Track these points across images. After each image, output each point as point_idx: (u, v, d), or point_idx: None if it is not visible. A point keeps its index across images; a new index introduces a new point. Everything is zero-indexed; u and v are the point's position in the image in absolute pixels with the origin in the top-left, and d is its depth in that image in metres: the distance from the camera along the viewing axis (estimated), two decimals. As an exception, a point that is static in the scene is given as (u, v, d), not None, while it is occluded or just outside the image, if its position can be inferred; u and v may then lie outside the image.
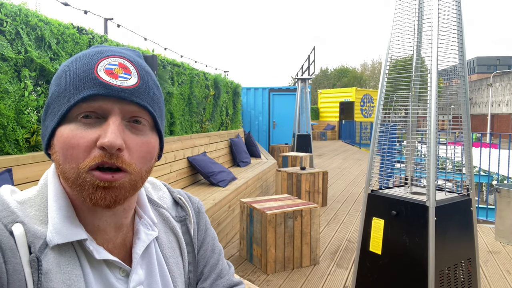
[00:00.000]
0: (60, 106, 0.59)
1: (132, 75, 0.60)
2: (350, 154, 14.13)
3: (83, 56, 0.61)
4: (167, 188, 0.82)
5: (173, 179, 4.37)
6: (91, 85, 0.57)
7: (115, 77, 0.58)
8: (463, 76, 2.24)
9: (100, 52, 0.61)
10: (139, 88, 0.60)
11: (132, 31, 5.63)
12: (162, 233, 0.73)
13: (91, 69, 0.58)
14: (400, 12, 2.30)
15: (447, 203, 2.13)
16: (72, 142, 0.56)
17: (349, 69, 48.83)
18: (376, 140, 2.39)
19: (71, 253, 0.59)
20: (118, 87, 0.57)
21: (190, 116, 5.28)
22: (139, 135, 0.61)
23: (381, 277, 2.26)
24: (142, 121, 0.61)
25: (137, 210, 0.71)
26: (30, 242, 0.57)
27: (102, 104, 0.57)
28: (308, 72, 9.55)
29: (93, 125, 0.57)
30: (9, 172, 2.15)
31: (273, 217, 3.32)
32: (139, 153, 0.60)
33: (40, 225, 0.59)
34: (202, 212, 0.84)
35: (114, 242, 0.66)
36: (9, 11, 2.38)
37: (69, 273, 0.58)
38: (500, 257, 3.84)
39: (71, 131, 0.57)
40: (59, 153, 0.58)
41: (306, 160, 7.51)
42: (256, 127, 12.43)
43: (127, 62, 0.61)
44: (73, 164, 0.57)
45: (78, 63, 0.60)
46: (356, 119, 21.91)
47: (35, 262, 0.55)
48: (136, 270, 0.65)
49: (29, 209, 0.60)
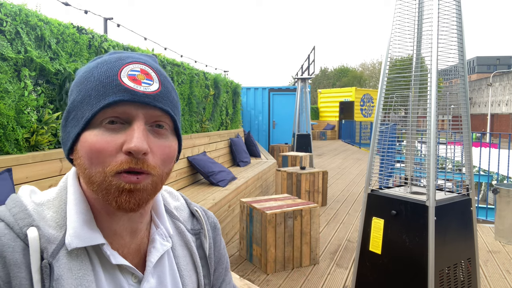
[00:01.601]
0: (84, 112, 0.59)
1: (154, 81, 0.62)
2: (350, 153, 14.14)
3: (104, 62, 0.62)
4: (185, 199, 0.83)
5: (173, 179, 4.37)
6: (116, 91, 0.58)
7: (138, 83, 0.60)
8: (463, 76, 2.24)
9: (122, 59, 0.62)
10: (161, 94, 0.62)
11: (132, 30, 5.63)
12: (178, 246, 0.74)
13: (115, 75, 0.59)
14: (400, 12, 2.30)
15: (447, 203, 2.13)
16: (98, 147, 0.57)
17: (349, 68, 48.84)
18: (376, 140, 2.39)
19: (83, 258, 0.60)
20: (142, 93, 0.59)
21: (190, 115, 5.28)
22: (161, 139, 0.62)
23: (381, 277, 2.26)
24: (164, 125, 0.62)
25: (154, 219, 0.71)
26: (43, 248, 0.57)
27: (127, 109, 0.58)
28: (308, 72, 9.55)
29: (118, 131, 0.59)
30: (9, 172, 2.15)
31: (273, 216, 3.32)
32: (161, 156, 0.62)
33: (55, 229, 0.59)
34: (218, 228, 0.85)
35: (129, 247, 0.66)
36: (9, 11, 2.38)
37: (81, 278, 0.58)
38: (500, 257, 3.84)
39: (96, 136, 0.58)
40: (84, 158, 0.59)
41: (306, 160, 7.51)
42: (256, 127, 12.44)
43: (148, 68, 0.62)
44: (100, 168, 0.58)
45: (100, 69, 0.61)
46: (356, 118, 21.92)
47: (47, 268, 0.55)
48: (148, 278, 0.66)
49: (47, 211, 0.61)
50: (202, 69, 5.82)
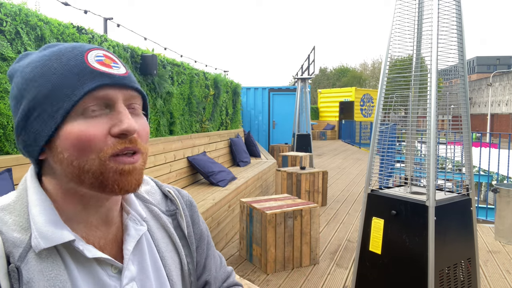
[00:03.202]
0: (58, 105, 0.57)
1: (120, 64, 0.62)
2: (350, 153, 14.14)
3: (59, 53, 0.59)
4: (155, 182, 0.81)
5: (173, 179, 4.37)
6: (93, 76, 0.57)
7: (109, 66, 0.60)
8: (463, 76, 2.24)
9: (79, 47, 0.61)
10: (130, 75, 0.63)
11: (132, 30, 5.63)
12: (155, 229, 0.72)
13: (83, 62, 0.58)
14: (400, 12, 2.30)
15: (447, 203, 2.13)
16: (88, 135, 0.56)
17: (348, 68, 48.85)
18: (376, 140, 2.39)
19: (54, 258, 0.57)
20: (119, 76, 0.60)
21: (190, 115, 5.28)
22: (138, 118, 0.63)
23: (381, 277, 2.26)
24: (136, 106, 0.63)
25: (124, 206, 0.70)
26: (9, 252, 0.55)
27: (108, 93, 0.58)
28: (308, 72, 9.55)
29: (101, 116, 0.58)
30: (9, 171, 2.15)
31: (273, 216, 3.32)
32: (144, 134, 0.63)
33: (19, 232, 0.57)
34: (194, 206, 0.84)
35: (106, 238, 0.65)
36: (9, 11, 2.38)
37: (54, 279, 0.56)
38: (500, 257, 3.84)
39: (82, 125, 0.57)
40: (72, 150, 0.57)
41: (306, 160, 7.51)
42: (256, 127, 12.44)
43: (109, 53, 0.63)
44: (93, 155, 0.57)
45: (60, 60, 0.58)
46: (356, 118, 21.91)
47: (15, 273, 0.53)
48: (128, 266, 0.64)
49: (8, 215, 0.58)
50: (202, 69, 5.83)
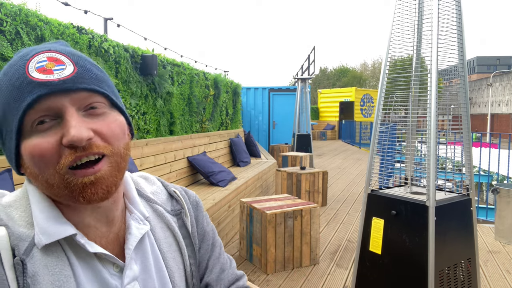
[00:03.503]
0: (10, 124, 0.56)
1: (66, 64, 0.57)
2: (350, 154, 14.13)
3: (10, 66, 0.58)
4: (161, 182, 0.81)
5: (173, 179, 4.37)
6: (30, 89, 0.54)
7: (49, 72, 0.55)
8: (463, 76, 2.24)
9: (25, 54, 0.58)
10: (79, 74, 0.57)
11: (132, 30, 5.63)
12: (158, 228, 0.72)
13: (23, 74, 0.55)
14: (400, 12, 2.30)
15: (447, 203, 2.13)
16: (38, 151, 0.55)
17: (349, 69, 48.84)
18: (376, 140, 2.39)
19: (59, 253, 0.58)
20: (58, 81, 0.55)
21: (190, 116, 5.28)
22: (101, 118, 0.59)
23: (381, 277, 2.26)
24: (97, 105, 0.59)
25: (127, 205, 0.69)
26: (14, 245, 0.56)
27: (50, 103, 0.55)
28: (308, 72, 9.56)
29: (52, 128, 0.56)
30: (9, 172, 2.15)
31: (273, 217, 3.32)
32: (109, 133, 0.59)
33: (25, 227, 0.58)
34: (200, 206, 0.83)
35: (107, 237, 0.65)
36: (9, 11, 2.38)
37: (58, 274, 0.56)
38: (500, 257, 3.84)
39: (33, 141, 0.55)
40: (32, 167, 0.57)
41: (306, 160, 7.51)
42: (256, 127, 12.43)
43: (56, 54, 0.58)
44: (50, 169, 0.56)
45: (8, 74, 0.57)
46: (356, 119, 21.91)
47: (19, 266, 0.54)
48: (130, 265, 0.64)
49: (15, 211, 0.59)
50: (202, 69, 5.83)
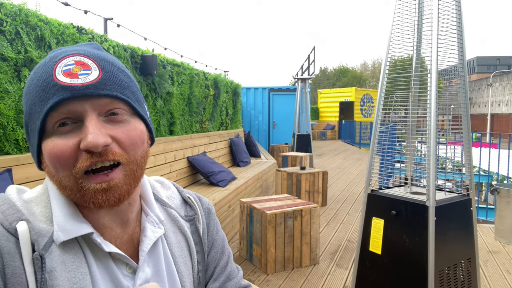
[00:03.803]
0: (35, 122, 0.58)
1: (92, 69, 0.58)
2: (350, 154, 14.14)
3: (40, 66, 0.60)
4: (176, 188, 0.82)
5: (173, 179, 4.37)
6: (55, 91, 0.56)
7: (75, 76, 0.57)
8: (463, 76, 2.24)
9: (55, 56, 0.60)
10: (103, 80, 0.58)
11: (132, 31, 5.63)
12: (171, 233, 0.72)
13: (50, 76, 0.57)
14: (400, 12, 2.30)
15: (447, 203, 2.13)
16: (56, 152, 0.57)
17: (348, 69, 48.85)
18: (376, 140, 2.39)
19: (76, 250, 0.59)
20: (81, 86, 0.56)
21: (190, 116, 5.28)
22: (121, 125, 0.60)
23: (381, 277, 2.26)
24: (119, 111, 0.60)
25: (143, 207, 0.70)
26: (34, 240, 0.57)
27: (72, 107, 0.56)
28: (308, 72, 9.55)
29: (72, 131, 0.57)
30: (9, 172, 2.15)
31: (273, 217, 3.32)
32: (127, 141, 0.59)
33: (45, 223, 0.59)
34: (212, 213, 0.84)
35: (122, 238, 0.65)
36: (9, 11, 2.38)
37: (75, 270, 0.57)
38: (500, 257, 3.84)
39: (53, 142, 0.57)
40: (50, 166, 0.59)
41: (306, 160, 7.51)
42: (256, 127, 12.44)
43: (84, 58, 0.59)
44: (66, 172, 0.57)
45: (37, 74, 0.59)
46: (356, 119, 21.92)
47: (38, 260, 0.55)
48: (143, 267, 0.65)
49: (35, 207, 0.61)
50: (202, 69, 5.83)
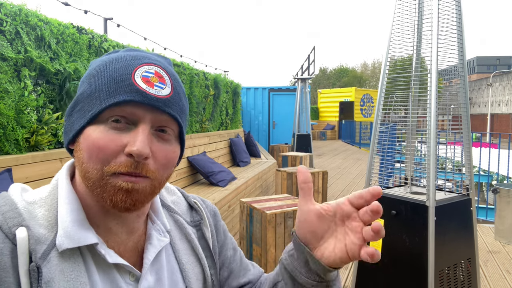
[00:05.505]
0: (92, 106, 0.59)
1: (167, 85, 0.61)
2: (350, 154, 14.14)
3: (119, 59, 0.61)
4: (181, 193, 0.82)
5: (173, 179, 4.37)
6: (128, 90, 0.57)
7: (151, 85, 0.59)
8: (463, 76, 2.24)
9: (138, 58, 0.61)
10: (172, 99, 0.61)
11: (132, 30, 5.63)
12: (178, 240, 0.72)
13: (129, 74, 0.58)
14: (400, 12, 2.30)
15: (447, 203, 2.13)
16: (101, 144, 0.57)
17: (348, 69, 48.87)
18: (376, 140, 2.39)
19: (76, 259, 0.58)
20: (153, 96, 0.58)
21: (190, 116, 5.28)
22: (165, 144, 0.61)
23: (381, 277, 2.26)
24: (168, 130, 0.62)
25: (150, 215, 0.70)
26: (32, 249, 0.55)
27: (135, 110, 0.58)
28: (308, 72, 9.55)
29: (122, 130, 0.58)
30: (9, 172, 2.15)
31: (273, 217, 3.33)
32: (163, 161, 0.61)
33: (46, 228, 0.58)
34: (218, 215, 0.83)
35: (126, 245, 0.65)
36: (9, 11, 2.38)
37: (74, 280, 0.56)
38: (500, 257, 3.84)
39: (101, 132, 0.57)
40: (85, 152, 0.58)
41: (306, 160, 7.51)
42: (256, 127, 12.44)
43: (162, 72, 0.61)
44: (98, 165, 0.57)
45: (114, 65, 0.60)
46: (356, 119, 21.93)
47: (35, 272, 0.53)
48: (146, 276, 0.64)
49: (39, 209, 0.59)
50: (202, 69, 5.83)
